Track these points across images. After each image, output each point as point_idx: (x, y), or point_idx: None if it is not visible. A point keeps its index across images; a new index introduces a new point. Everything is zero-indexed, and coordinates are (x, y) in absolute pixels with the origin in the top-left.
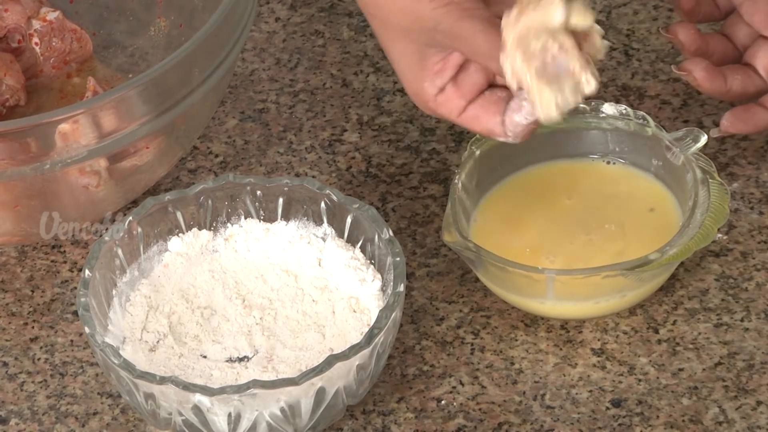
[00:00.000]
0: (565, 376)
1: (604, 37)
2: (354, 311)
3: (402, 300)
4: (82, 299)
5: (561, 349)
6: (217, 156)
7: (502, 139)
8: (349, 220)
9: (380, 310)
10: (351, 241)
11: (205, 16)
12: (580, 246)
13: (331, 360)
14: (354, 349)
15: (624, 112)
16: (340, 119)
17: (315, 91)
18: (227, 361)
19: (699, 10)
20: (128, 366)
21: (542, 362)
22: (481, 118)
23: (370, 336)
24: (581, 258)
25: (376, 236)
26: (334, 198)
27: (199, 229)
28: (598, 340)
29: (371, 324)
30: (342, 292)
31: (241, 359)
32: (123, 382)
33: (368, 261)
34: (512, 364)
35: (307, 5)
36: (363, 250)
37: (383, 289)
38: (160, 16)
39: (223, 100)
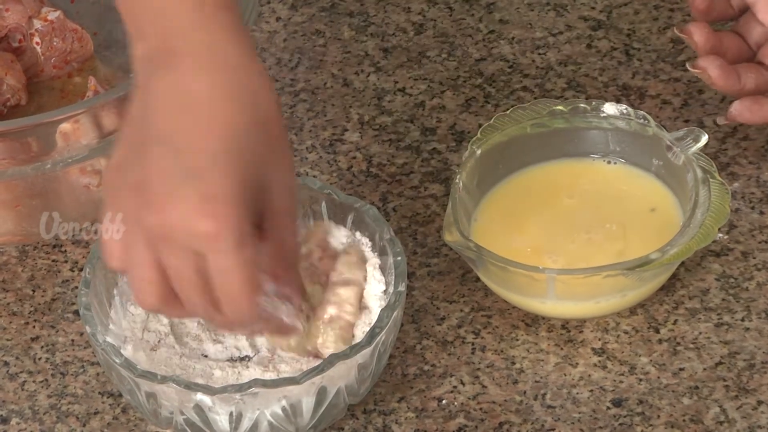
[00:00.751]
0: (565, 375)
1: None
2: None
3: (403, 299)
4: (84, 298)
5: (562, 349)
6: None
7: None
8: (350, 219)
9: (381, 310)
10: None
11: None
12: (581, 246)
13: (333, 359)
14: (355, 349)
15: (625, 111)
16: (340, 119)
17: (316, 90)
18: (228, 360)
19: (713, 10)
20: (129, 365)
21: (543, 362)
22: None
23: (371, 335)
24: (582, 257)
25: (377, 236)
26: (335, 197)
27: None
28: (599, 339)
29: (372, 323)
30: None
31: (242, 359)
32: (124, 381)
33: None
34: (513, 363)
35: (308, 5)
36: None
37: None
38: None
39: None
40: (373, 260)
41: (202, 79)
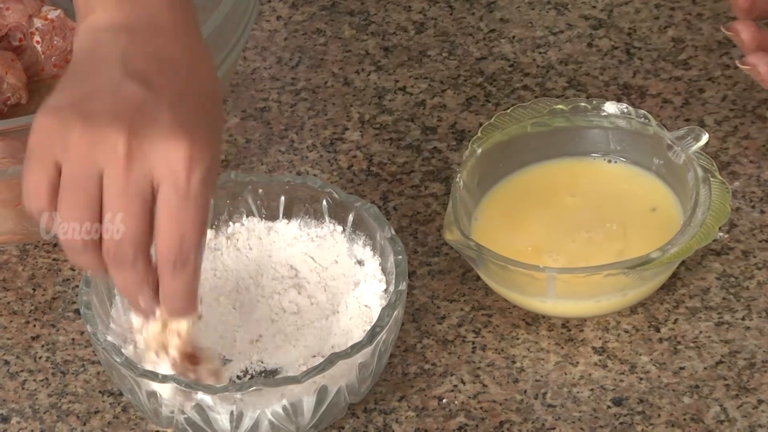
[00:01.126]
0: (566, 374)
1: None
2: (356, 309)
3: (404, 298)
4: (84, 297)
5: (562, 348)
6: None
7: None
8: (350, 218)
9: (382, 309)
10: None
11: (207, 14)
12: (582, 245)
13: (333, 358)
14: (356, 348)
15: (625, 110)
16: (341, 118)
17: (316, 89)
18: None
19: (755, 8)
20: (130, 364)
21: (543, 361)
22: None
23: (372, 334)
24: (582, 256)
25: (378, 234)
26: (336, 196)
27: None
28: (600, 338)
29: (373, 322)
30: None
31: None
32: (125, 380)
33: None
34: (513, 362)
35: (309, 4)
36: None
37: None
38: None
39: (225, 99)
40: (373, 260)
41: (180, 48)
